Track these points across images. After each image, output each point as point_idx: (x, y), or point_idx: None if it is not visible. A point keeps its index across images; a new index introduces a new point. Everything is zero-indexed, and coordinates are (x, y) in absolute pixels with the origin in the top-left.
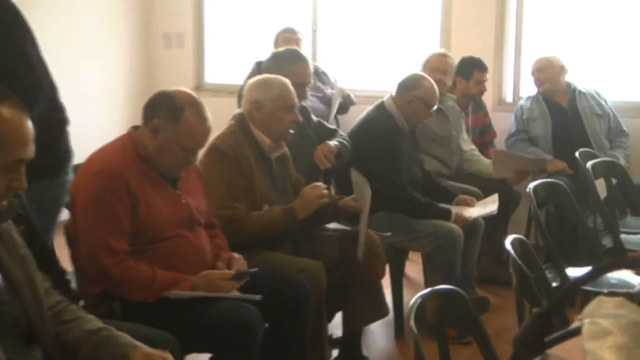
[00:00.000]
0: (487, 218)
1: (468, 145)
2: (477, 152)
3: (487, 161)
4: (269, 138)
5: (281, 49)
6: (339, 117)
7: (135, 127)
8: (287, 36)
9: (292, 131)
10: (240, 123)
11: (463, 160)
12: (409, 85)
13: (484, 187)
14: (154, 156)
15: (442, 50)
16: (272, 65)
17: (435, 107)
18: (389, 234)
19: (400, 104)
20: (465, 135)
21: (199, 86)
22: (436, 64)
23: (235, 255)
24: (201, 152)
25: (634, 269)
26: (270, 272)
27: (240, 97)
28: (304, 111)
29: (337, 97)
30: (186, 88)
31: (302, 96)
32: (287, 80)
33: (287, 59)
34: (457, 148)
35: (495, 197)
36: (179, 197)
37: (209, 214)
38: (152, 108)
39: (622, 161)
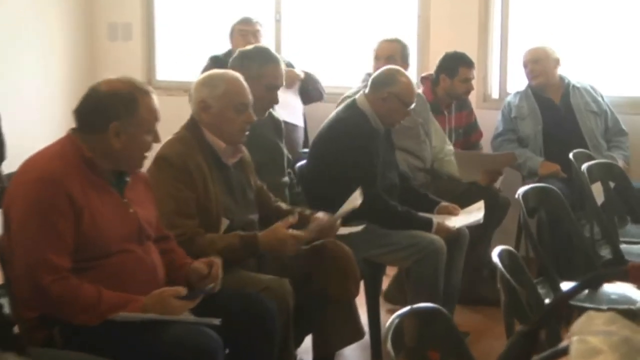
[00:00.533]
0: (470, 228)
1: (440, 141)
2: (450, 151)
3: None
4: (223, 141)
5: (250, 47)
6: (306, 110)
7: (74, 130)
8: (243, 28)
9: (247, 133)
10: (191, 126)
11: (434, 158)
12: (383, 81)
13: (468, 192)
14: (120, 158)
15: (390, 37)
16: (238, 65)
17: (413, 105)
18: (361, 227)
19: (374, 102)
20: (437, 126)
21: (150, 84)
22: (380, 51)
23: (217, 259)
24: (147, 162)
25: (630, 281)
26: (231, 291)
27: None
28: (276, 124)
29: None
30: (122, 76)
31: (273, 101)
32: (236, 75)
33: (256, 60)
34: (428, 137)
35: (481, 204)
36: (126, 207)
37: (159, 226)
38: (100, 113)
39: (620, 163)
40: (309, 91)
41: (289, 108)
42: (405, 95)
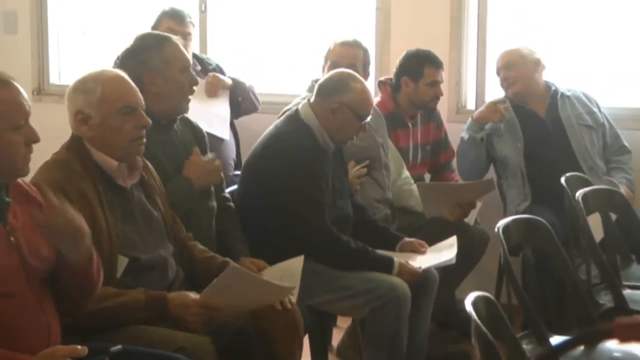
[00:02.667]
0: (438, 269)
1: (396, 165)
2: (409, 179)
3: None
4: (113, 158)
5: (133, 39)
6: (237, 124)
7: None
8: (174, 27)
9: (143, 140)
10: (73, 145)
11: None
12: (333, 88)
13: (434, 225)
14: None
15: (347, 39)
16: (133, 64)
17: (369, 118)
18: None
19: (321, 114)
20: (392, 146)
21: (41, 88)
22: (338, 57)
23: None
24: None
25: (617, 340)
26: (139, 352)
27: None
28: (196, 132)
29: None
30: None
31: (193, 82)
32: (115, 73)
33: (151, 48)
34: (388, 160)
35: (454, 240)
36: (7, 236)
37: (53, 260)
38: None
39: (623, 189)
40: (239, 102)
41: (208, 116)
42: (359, 105)
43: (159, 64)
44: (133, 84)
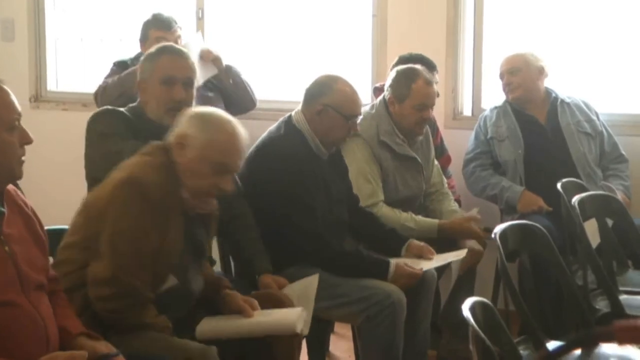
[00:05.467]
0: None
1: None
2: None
3: (450, 201)
4: (185, 188)
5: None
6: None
7: None
8: (161, 36)
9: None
10: (166, 155)
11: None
12: (316, 92)
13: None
14: None
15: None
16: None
17: (358, 119)
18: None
19: (310, 118)
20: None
21: (39, 96)
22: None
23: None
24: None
25: (617, 343)
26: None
27: (97, 100)
28: None
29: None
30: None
31: (174, 96)
32: (237, 130)
33: (151, 56)
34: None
35: (463, 253)
36: (1, 246)
37: (49, 268)
38: None
39: (620, 195)
40: (231, 90)
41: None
42: (343, 105)
43: None
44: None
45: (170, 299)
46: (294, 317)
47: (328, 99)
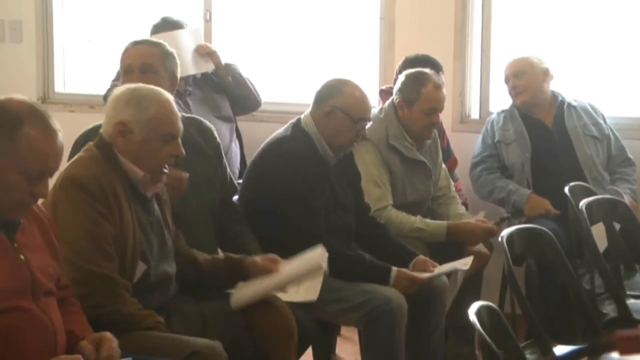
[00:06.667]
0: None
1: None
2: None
3: (458, 205)
4: (141, 169)
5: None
6: (242, 132)
7: None
8: None
9: (166, 169)
10: (102, 146)
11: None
12: (326, 93)
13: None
14: None
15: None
16: None
17: (367, 125)
18: None
19: (318, 121)
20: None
21: (46, 97)
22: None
23: (107, 335)
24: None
25: (618, 353)
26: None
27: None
28: (203, 129)
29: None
30: (23, 96)
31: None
32: (168, 97)
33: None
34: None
35: (469, 260)
36: (16, 254)
37: (60, 276)
38: None
39: (627, 199)
40: (232, 88)
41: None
42: (352, 108)
43: None
44: (178, 113)
45: (147, 286)
46: (317, 258)
47: (337, 100)
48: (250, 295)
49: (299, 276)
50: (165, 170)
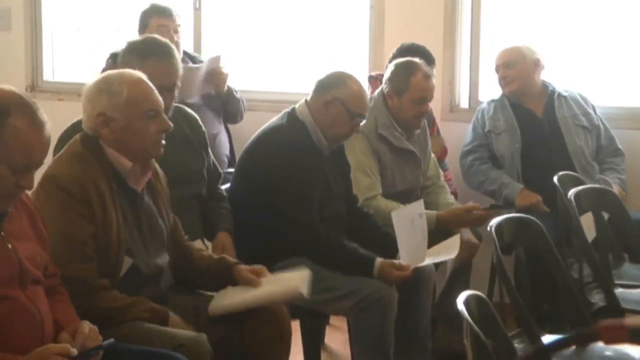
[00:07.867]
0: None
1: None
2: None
3: (447, 194)
4: (129, 159)
5: (139, 37)
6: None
7: None
8: (163, 23)
9: (163, 142)
10: (87, 141)
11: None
12: (328, 83)
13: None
14: None
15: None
16: (121, 61)
17: (362, 122)
18: None
19: (315, 110)
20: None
21: (35, 85)
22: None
23: (86, 324)
24: (35, 183)
25: (603, 343)
26: (136, 350)
27: None
28: (189, 120)
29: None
30: (11, 86)
31: (166, 105)
32: (138, 75)
33: (137, 53)
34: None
35: (456, 239)
36: (4, 242)
37: (48, 264)
38: None
39: (616, 189)
40: (227, 111)
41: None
42: (352, 102)
43: None
44: (154, 87)
45: (139, 278)
46: (298, 281)
47: (339, 92)
48: (226, 305)
49: (274, 298)
50: (160, 150)
